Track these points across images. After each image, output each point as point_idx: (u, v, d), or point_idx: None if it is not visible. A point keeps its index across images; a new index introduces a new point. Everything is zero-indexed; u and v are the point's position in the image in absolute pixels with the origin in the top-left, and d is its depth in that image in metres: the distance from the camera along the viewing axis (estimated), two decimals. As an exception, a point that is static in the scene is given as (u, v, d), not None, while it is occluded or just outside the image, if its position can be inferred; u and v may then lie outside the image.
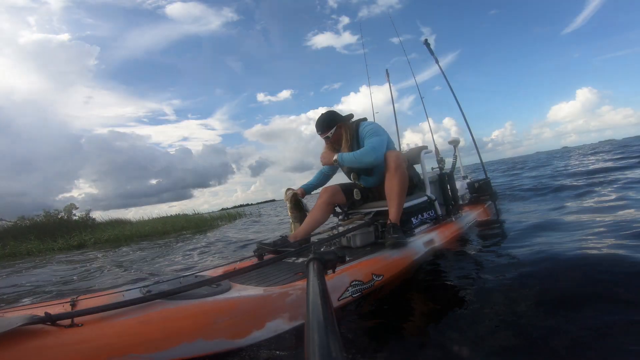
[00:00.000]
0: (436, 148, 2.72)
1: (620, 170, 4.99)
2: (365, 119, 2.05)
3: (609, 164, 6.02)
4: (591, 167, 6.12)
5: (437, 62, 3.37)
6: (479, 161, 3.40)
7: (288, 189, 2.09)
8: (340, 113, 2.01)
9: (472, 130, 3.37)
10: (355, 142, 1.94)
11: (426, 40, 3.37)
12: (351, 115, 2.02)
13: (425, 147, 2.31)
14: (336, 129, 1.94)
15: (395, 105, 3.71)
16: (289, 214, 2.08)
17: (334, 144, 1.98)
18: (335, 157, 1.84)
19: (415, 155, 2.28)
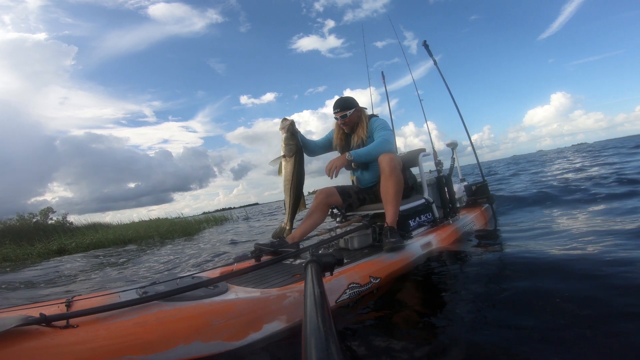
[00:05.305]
0: (434, 151, 2.72)
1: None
2: (376, 115, 2.12)
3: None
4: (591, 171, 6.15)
5: (435, 63, 3.39)
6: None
7: (284, 119, 1.91)
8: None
9: (456, 133, 3.40)
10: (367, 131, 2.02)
11: (425, 42, 3.38)
12: (365, 108, 2.11)
13: (423, 150, 2.32)
14: (354, 111, 2.00)
15: (378, 109, 3.74)
16: (282, 145, 1.88)
17: (345, 126, 2.03)
18: (348, 155, 1.80)
19: (413, 157, 2.29)
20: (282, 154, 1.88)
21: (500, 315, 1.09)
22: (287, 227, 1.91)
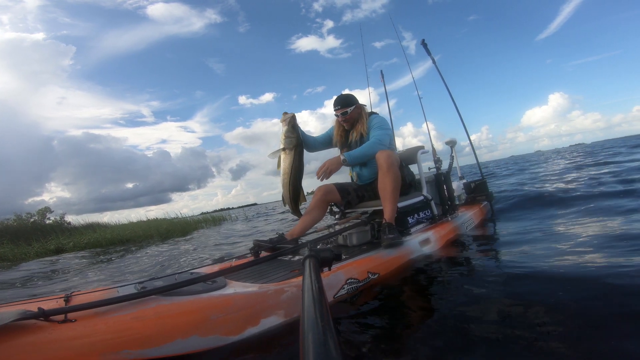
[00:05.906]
0: (433, 148, 2.72)
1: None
2: (376, 113, 2.12)
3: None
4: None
5: (433, 62, 3.37)
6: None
7: (285, 113, 1.90)
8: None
9: (454, 134, 3.40)
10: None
11: (423, 40, 3.37)
12: (365, 105, 2.11)
13: (422, 147, 2.32)
14: (355, 108, 2.00)
15: (377, 109, 3.72)
16: (282, 138, 1.86)
17: (346, 123, 2.04)
18: (342, 157, 1.82)
19: (412, 155, 2.29)
20: (281, 147, 1.88)
21: (499, 313, 1.09)
22: (296, 217, 1.99)
